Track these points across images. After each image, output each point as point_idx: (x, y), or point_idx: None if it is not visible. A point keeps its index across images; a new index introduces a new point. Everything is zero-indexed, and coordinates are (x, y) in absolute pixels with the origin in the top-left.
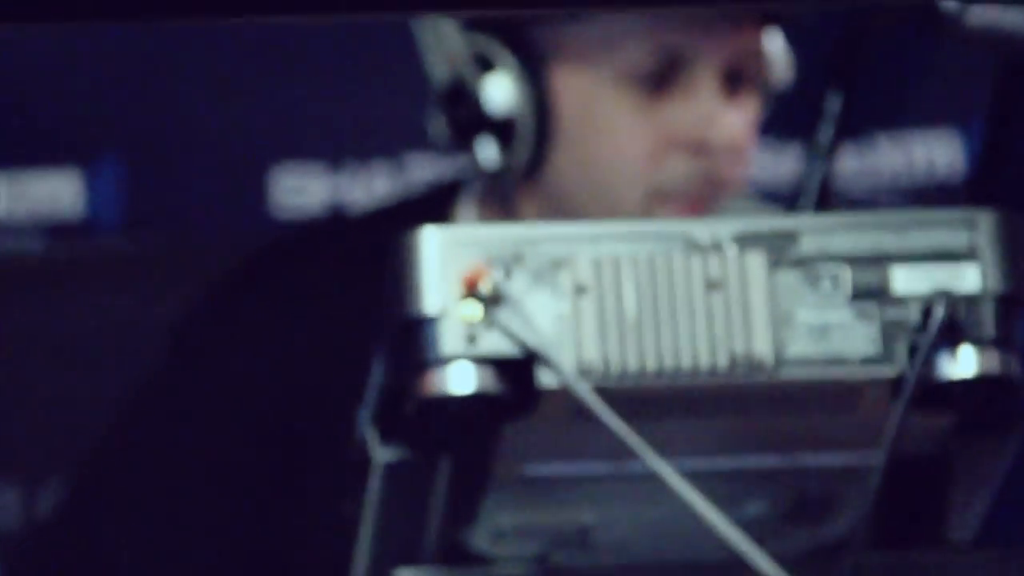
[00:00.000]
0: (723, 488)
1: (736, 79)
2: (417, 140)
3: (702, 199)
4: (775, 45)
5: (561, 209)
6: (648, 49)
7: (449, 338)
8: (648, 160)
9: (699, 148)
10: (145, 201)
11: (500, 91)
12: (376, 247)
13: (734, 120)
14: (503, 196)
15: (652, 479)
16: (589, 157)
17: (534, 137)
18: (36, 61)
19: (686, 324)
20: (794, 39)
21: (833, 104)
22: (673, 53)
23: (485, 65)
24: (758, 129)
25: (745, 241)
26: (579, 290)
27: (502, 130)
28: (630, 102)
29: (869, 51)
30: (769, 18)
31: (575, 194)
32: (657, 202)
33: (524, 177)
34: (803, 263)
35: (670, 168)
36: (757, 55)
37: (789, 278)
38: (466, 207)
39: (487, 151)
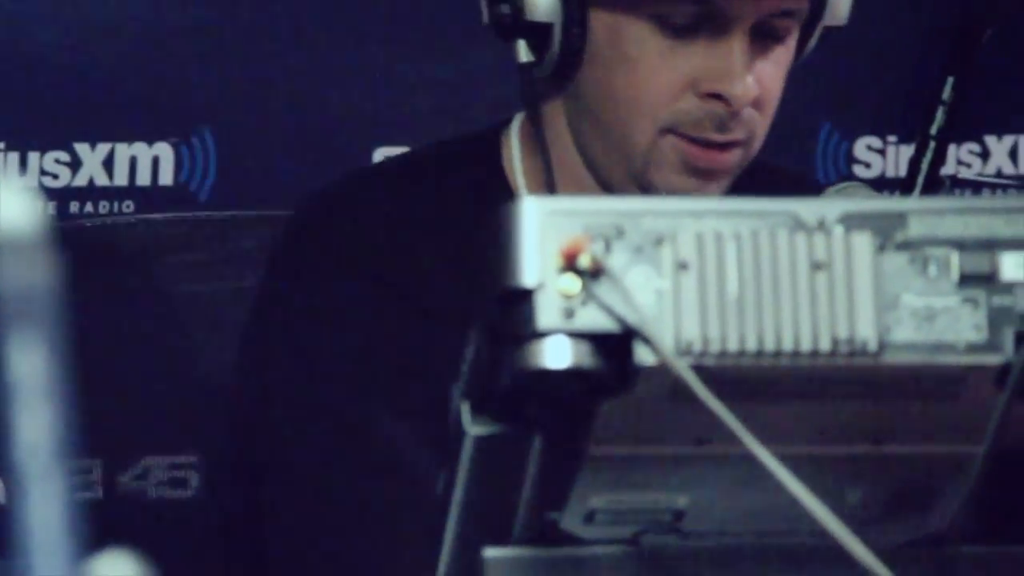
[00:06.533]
0: (821, 474)
1: (768, 34)
2: None
3: (716, 145)
4: None
5: (581, 131)
6: None
7: (546, 311)
8: (665, 99)
9: (718, 99)
10: (237, 177)
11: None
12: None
13: (759, 77)
14: (534, 106)
15: (748, 462)
16: (611, 83)
17: (565, 47)
18: (144, 40)
19: (789, 304)
20: (914, 33)
21: (945, 91)
22: (709, 5)
23: None
24: (787, 75)
25: (852, 222)
26: (680, 266)
27: (538, 35)
28: (658, 43)
29: (984, 45)
30: None
31: (594, 116)
32: (667, 137)
33: (553, 88)
34: (910, 246)
35: (684, 107)
36: (794, 11)
37: (895, 261)
38: (511, 139)
39: (523, 53)
